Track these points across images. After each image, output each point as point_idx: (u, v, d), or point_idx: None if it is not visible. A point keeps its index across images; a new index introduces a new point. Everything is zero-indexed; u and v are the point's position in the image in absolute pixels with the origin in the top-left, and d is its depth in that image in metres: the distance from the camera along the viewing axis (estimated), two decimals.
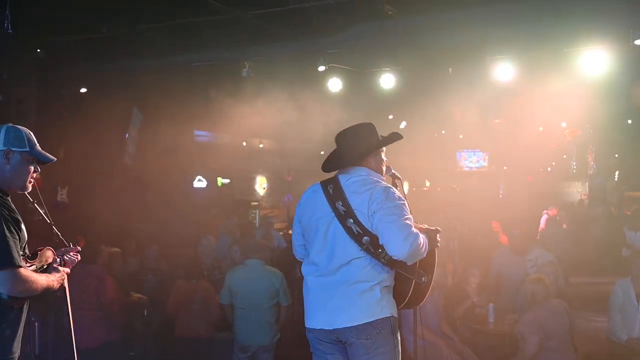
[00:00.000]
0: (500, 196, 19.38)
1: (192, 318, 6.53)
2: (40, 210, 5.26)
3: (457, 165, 22.54)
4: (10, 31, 6.01)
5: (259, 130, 14.95)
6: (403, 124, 14.59)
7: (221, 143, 15.95)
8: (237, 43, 8.87)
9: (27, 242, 3.40)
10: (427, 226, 3.57)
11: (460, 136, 19.46)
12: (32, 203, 5.23)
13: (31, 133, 3.22)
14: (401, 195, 3.43)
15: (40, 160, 3.25)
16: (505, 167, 21.75)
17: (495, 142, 19.04)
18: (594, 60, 7.85)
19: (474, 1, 7.37)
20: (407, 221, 3.30)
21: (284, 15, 7.73)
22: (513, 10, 7.28)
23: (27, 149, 3.16)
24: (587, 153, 17.38)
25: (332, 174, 3.66)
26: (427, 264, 3.47)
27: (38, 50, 7.72)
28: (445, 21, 7.67)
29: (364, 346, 3.31)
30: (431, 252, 3.51)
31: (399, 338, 3.43)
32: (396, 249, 3.22)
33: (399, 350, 3.41)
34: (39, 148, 3.23)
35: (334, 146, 3.74)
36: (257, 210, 18.07)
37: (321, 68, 8.73)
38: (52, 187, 9.53)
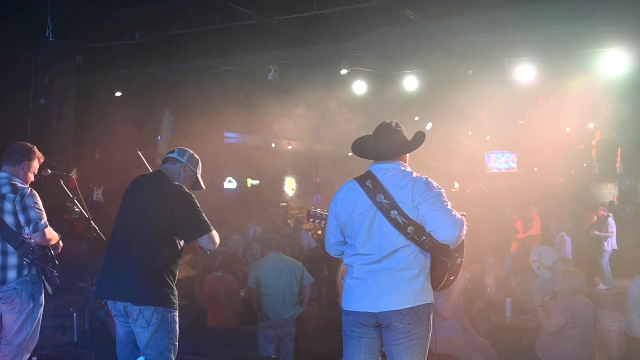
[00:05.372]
0: (533, 198, 19.25)
1: (219, 309, 6.90)
2: (79, 207, 5.65)
3: (485, 166, 22.43)
4: (52, 39, 6.38)
5: (288, 132, 15.20)
6: (429, 126, 14.64)
7: (250, 145, 16.26)
8: (263, 47, 9.16)
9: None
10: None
11: (488, 137, 19.39)
12: (72, 201, 5.62)
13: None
14: (438, 184, 3.65)
15: (197, 183, 4.40)
16: (535, 169, 21.56)
17: (523, 143, 18.92)
18: (613, 61, 7.96)
19: (493, 5, 7.55)
20: (451, 207, 3.56)
21: (309, 20, 8.01)
22: (531, 13, 7.44)
23: (197, 172, 4.37)
24: (616, 154, 17.19)
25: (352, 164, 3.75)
26: (459, 246, 3.68)
27: (77, 56, 8.08)
28: (464, 24, 7.86)
29: (404, 330, 3.50)
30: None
31: (432, 325, 3.63)
32: (447, 235, 3.49)
33: (429, 337, 3.61)
34: (200, 177, 4.38)
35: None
36: (286, 211, 18.35)
37: (344, 71, 9.01)
38: (89, 187, 9.88)
